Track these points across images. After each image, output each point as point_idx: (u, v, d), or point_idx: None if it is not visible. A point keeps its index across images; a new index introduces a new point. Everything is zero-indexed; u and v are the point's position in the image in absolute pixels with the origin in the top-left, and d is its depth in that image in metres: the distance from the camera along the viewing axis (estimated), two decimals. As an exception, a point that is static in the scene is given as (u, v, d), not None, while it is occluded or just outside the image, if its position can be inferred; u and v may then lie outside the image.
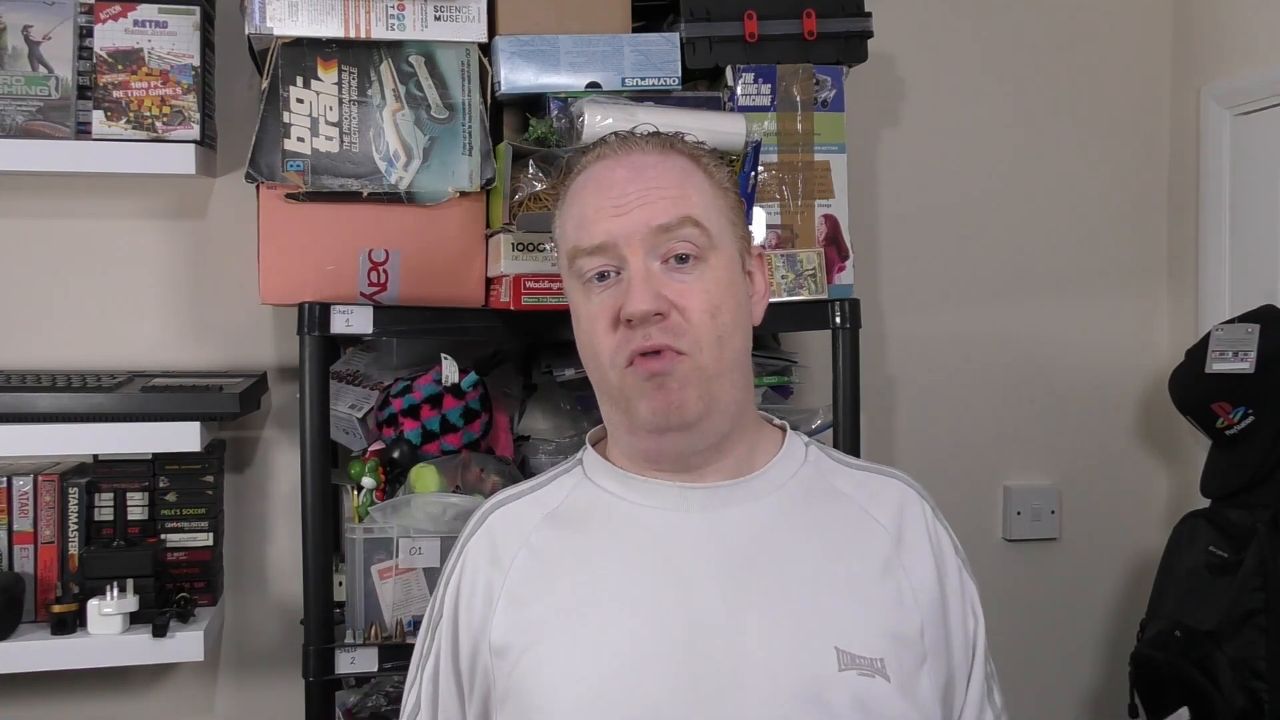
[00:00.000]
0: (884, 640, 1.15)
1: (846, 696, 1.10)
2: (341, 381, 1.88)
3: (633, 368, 1.14)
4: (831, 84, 1.83)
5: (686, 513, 1.18)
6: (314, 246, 1.71)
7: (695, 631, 1.12)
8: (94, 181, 2.02)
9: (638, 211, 1.14)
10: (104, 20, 1.86)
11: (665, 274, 1.14)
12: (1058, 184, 2.39)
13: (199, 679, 2.08)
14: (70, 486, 1.88)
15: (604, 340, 1.15)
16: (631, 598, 1.14)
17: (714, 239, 1.16)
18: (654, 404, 1.14)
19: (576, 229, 1.18)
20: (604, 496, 1.22)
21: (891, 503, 1.24)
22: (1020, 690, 2.38)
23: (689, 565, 1.15)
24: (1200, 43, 2.35)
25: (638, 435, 1.19)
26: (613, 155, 1.20)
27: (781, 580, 1.15)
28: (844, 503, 1.23)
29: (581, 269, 1.17)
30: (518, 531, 1.22)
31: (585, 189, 1.19)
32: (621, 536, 1.19)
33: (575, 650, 1.13)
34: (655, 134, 1.23)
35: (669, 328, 1.13)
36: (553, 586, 1.17)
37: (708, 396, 1.15)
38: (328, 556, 1.66)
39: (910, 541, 1.22)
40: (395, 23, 1.71)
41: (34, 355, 2.02)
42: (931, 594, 1.20)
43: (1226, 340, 2.02)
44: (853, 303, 1.77)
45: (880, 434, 2.31)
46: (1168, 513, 2.38)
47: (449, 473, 1.73)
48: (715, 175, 1.21)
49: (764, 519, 1.19)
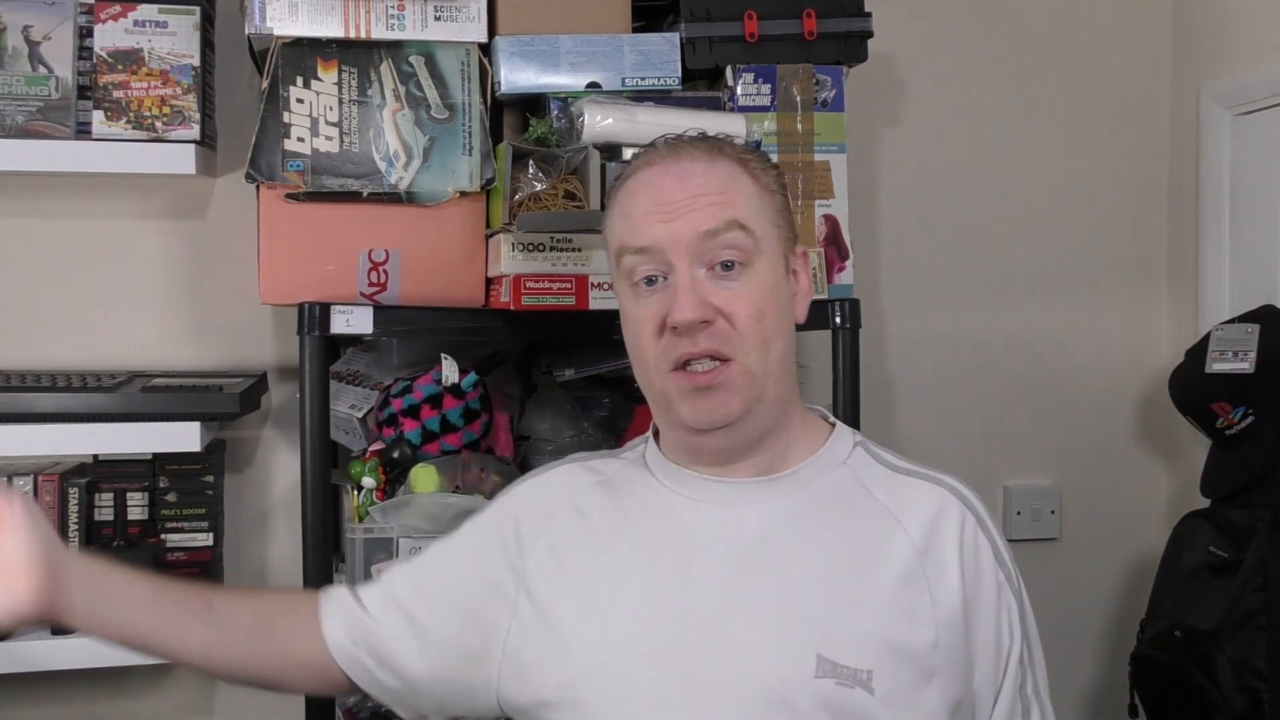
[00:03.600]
0: (879, 652, 1.13)
1: (816, 703, 1.10)
2: (341, 381, 1.88)
3: (678, 373, 1.16)
4: (831, 84, 1.83)
5: (708, 504, 1.21)
6: (314, 246, 1.71)
7: (684, 623, 1.15)
8: (94, 181, 2.02)
9: (685, 218, 1.16)
10: (104, 20, 1.86)
11: (711, 281, 1.16)
12: (1058, 184, 2.39)
13: (199, 679, 2.08)
14: (70, 486, 1.88)
15: (650, 345, 1.18)
16: (637, 579, 1.19)
17: (760, 242, 1.17)
18: (698, 409, 1.16)
19: (624, 230, 1.20)
20: (645, 477, 1.27)
21: (925, 511, 1.21)
22: (1020, 690, 2.38)
23: (695, 557, 1.18)
24: (1200, 43, 2.35)
25: (679, 432, 1.22)
26: (661, 161, 1.21)
27: (779, 582, 1.15)
28: (873, 508, 1.21)
29: (628, 268, 1.19)
30: (574, 487, 1.28)
31: (634, 194, 1.21)
32: (647, 518, 1.23)
33: (580, 621, 1.19)
34: (704, 137, 1.23)
35: (715, 333, 1.15)
36: (582, 550, 1.23)
37: (752, 399, 1.17)
38: (328, 556, 1.66)
39: (939, 553, 1.19)
40: (395, 23, 1.71)
41: (34, 355, 2.02)
42: (954, 608, 1.17)
43: (1226, 340, 2.02)
44: (853, 303, 1.77)
45: (880, 434, 2.27)
46: (1168, 513, 2.38)
47: (449, 473, 1.72)
48: (762, 179, 1.22)
49: (777, 519, 1.19)
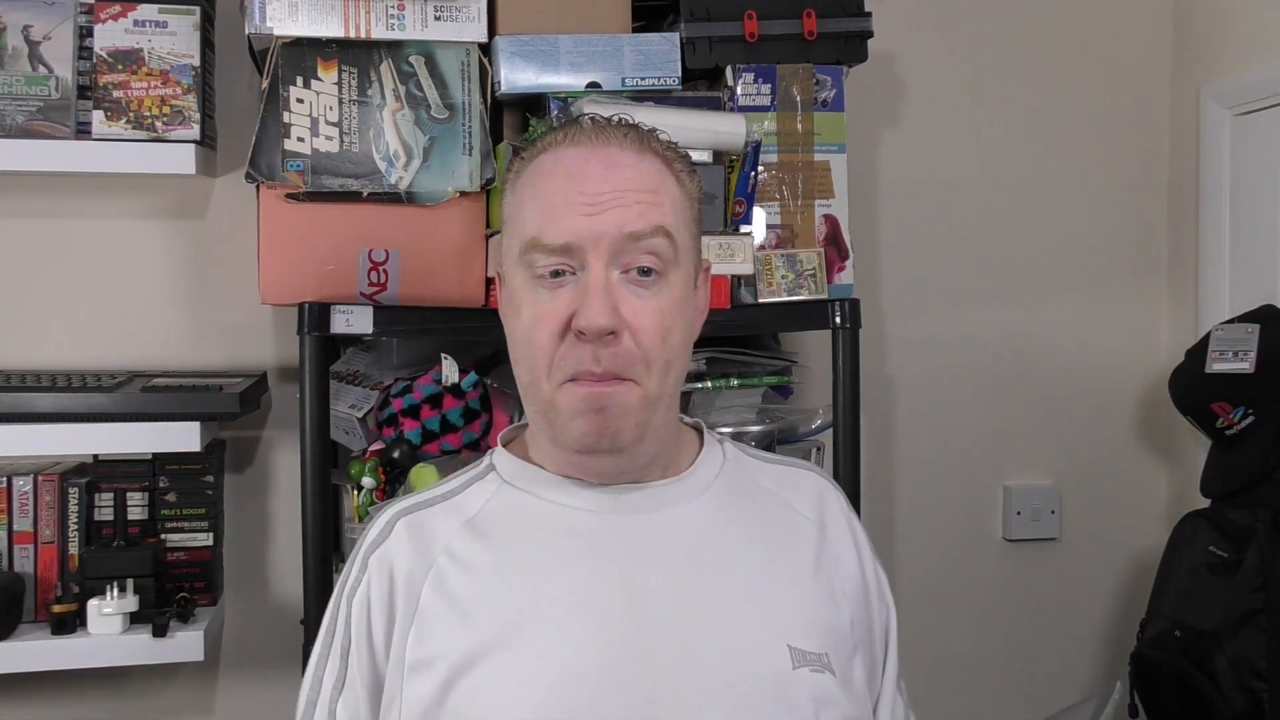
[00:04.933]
0: (824, 635, 1.13)
1: (804, 694, 1.09)
2: (341, 381, 1.88)
3: (573, 384, 1.08)
4: (831, 84, 1.83)
5: (622, 515, 1.13)
6: (314, 246, 1.71)
7: (648, 639, 1.07)
8: (94, 181, 2.02)
9: (610, 214, 1.07)
10: (104, 20, 1.86)
11: (624, 286, 1.08)
12: (1058, 183, 2.39)
13: (199, 679, 2.08)
14: (70, 486, 1.88)
15: (547, 345, 1.08)
16: (577, 608, 1.08)
17: (678, 253, 1.11)
18: (587, 427, 1.08)
19: (540, 219, 1.09)
20: (530, 500, 1.16)
21: (811, 496, 1.23)
22: (1020, 690, 2.38)
23: (634, 570, 1.10)
24: (1200, 43, 2.35)
25: (562, 450, 1.13)
26: (588, 143, 1.11)
27: (728, 581, 1.13)
28: (769, 499, 1.21)
29: (535, 263, 1.09)
30: (433, 540, 1.14)
31: (554, 175, 1.11)
32: (557, 542, 1.12)
33: (522, 665, 1.06)
34: (632, 125, 1.14)
35: (620, 353, 1.07)
36: (486, 597, 1.10)
37: (644, 424, 1.10)
38: (328, 556, 1.66)
39: (832, 534, 1.21)
40: (395, 23, 1.71)
41: (34, 355, 2.02)
42: (856, 585, 1.20)
43: (1226, 340, 2.02)
44: (853, 303, 1.77)
45: (880, 434, 2.31)
46: (1168, 513, 2.38)
47: (449, 473, 1.72)
48: (686, 184, 1.15)
49: (701, 519, 1.16)
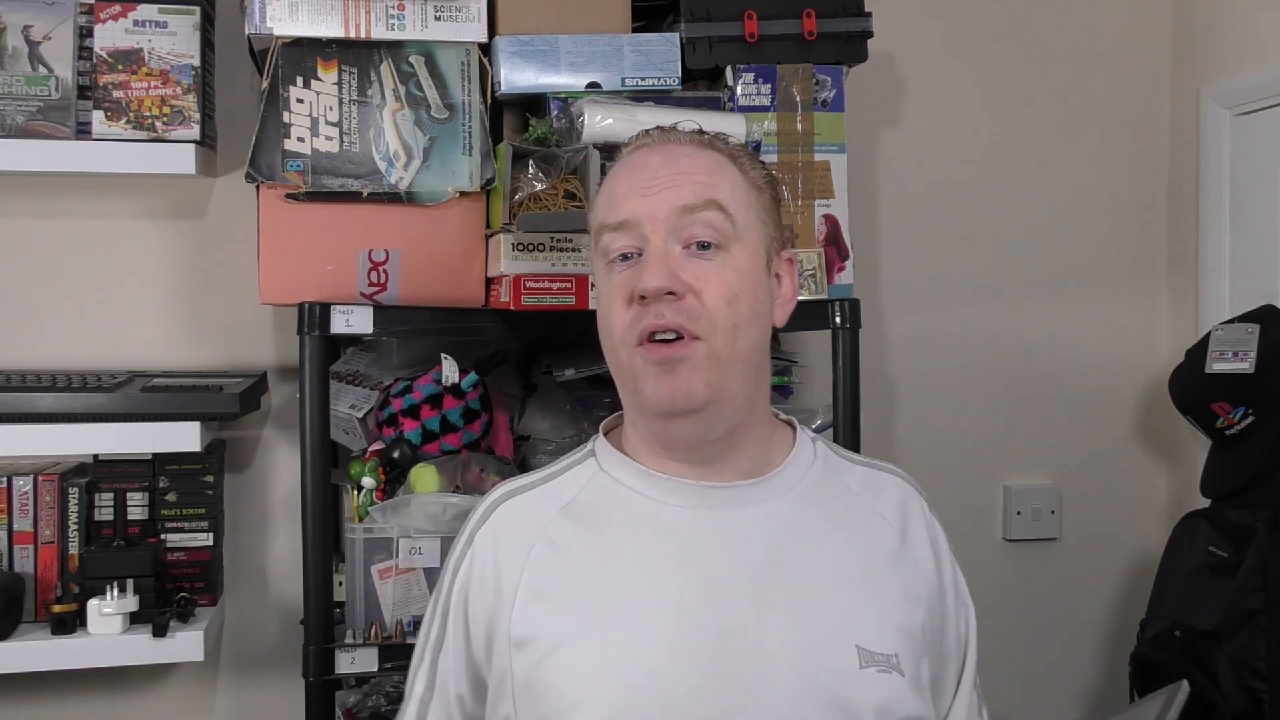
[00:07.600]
0: (897, 635, 1.16)
1: (868, 694, 1.12)
2: (341, 381, 1.88)
3: (643, 348, 1.14)
4: (831, 84, 1.83)
5: (709, 510, 1.18)
6: (314, 246, 1.71)
7: (723, 635, 1.12)
8: (94, 181, 2.02)
9: (665, 193, 1.15)
10: (104, 20, 1.86)
11: (685, 258, 1.14)
12: (1058, 183, 2.39)
13: (199, 679, 2.09)
14: (70, 486, 1.87)
15: (618, 317, 1.15)
16: (659, 599, 1.14)
17: (738, 228, 1.16)
18: (660, 388, 1.13)
19: (605, 207, 1.20)
20: (621, 490, 1.21)
21: (895, 499, 1.26)
22: (1020, 690, 2.38)
23: (715, 566, 1.15)
24: (1200, 43, 2.35)
25: (647, 418, 1.18)
26: (650, 144, 1.21)
27: (804, 581, 1.16)
28: (854, 500, 1.24)
29: (606, 246, 1.18)
30: (533, 524, 1.20)
31: (619, 174, 1.21)
32: (645, 534, 1.17)
33: (606, 652, 1.12)
34: (699, 131, 1.23)
35: (683, 308, 1.12)
36: (577, 583, 1.16)
37: (716, 384, 1.14)
38: (328, 556, 1.66)
39: (913, 537, 1.24)
40: (395, 23, 1.71)
41: (34, 355, 2.02)
42: (932, 587, 1.23)
43: (1226, 340, 2.02)
44: (853, 303, 1.77)
45: (880, 434, 2.31)
46: (1168, 513, 2.38)
47: (449, 473, 1.72)
48: (750, 174, 1.21)
49: (784, 519, 1.19)
